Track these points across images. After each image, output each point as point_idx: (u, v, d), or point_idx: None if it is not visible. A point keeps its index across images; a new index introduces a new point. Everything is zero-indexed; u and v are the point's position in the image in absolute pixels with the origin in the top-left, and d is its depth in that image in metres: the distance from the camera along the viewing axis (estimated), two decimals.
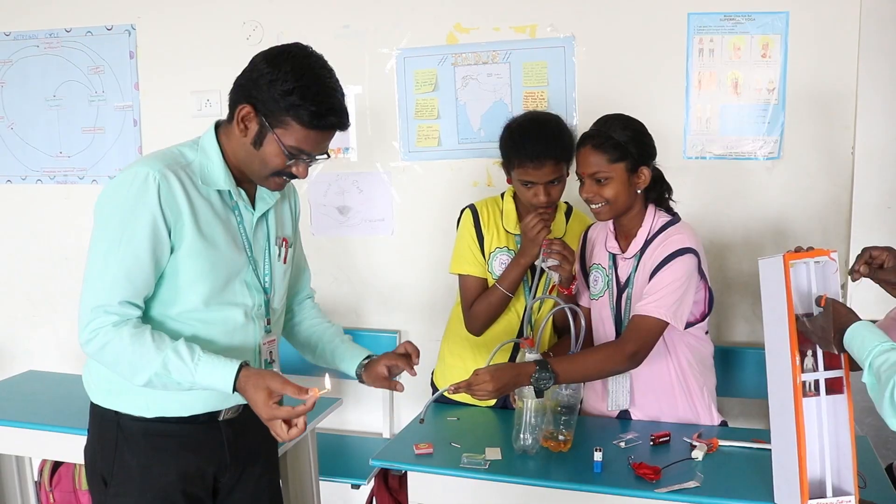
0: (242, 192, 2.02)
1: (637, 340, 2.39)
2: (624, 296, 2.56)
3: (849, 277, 2.07)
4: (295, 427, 1.83)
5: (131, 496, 2.02)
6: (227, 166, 1.97)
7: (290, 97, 1.82)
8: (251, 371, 1.86)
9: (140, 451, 2.00)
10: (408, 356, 2.21)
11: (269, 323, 2.14)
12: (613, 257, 2.60)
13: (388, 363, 2.18)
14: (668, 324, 2.39)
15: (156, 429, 2.01)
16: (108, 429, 2.03)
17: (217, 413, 2.07)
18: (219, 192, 1.98)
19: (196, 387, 1.87)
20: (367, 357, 2.24)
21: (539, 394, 2.31)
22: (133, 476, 2.01)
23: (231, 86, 1.94)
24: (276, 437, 1.84)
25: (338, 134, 1.96)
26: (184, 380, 1.85)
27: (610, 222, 2.59)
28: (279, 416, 1.82)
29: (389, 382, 2.18)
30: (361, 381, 2.23)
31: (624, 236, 2.58)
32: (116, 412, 2.02)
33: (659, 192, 2.56)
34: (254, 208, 2.06)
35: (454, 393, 2.31)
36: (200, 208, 1.93)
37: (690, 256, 2.42)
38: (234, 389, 1.85)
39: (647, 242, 2.51)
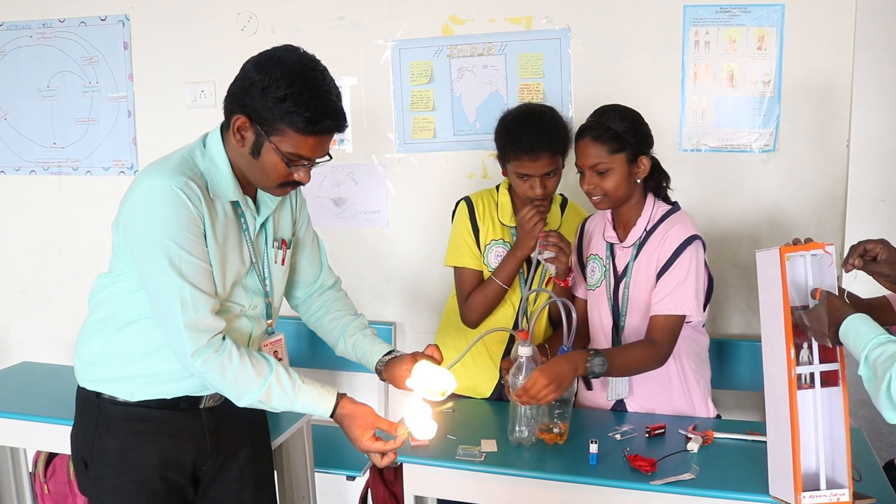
0: (249, 200, 2.02)
1: (669, 342, 2.46)
2: (622, 285, 2.57)
3: (842, 269, 2.08)
4: (387, 457, 1.99)
5: (110, 479, 2.04)
6: (234, 174, 1.96)
7: (284, 104, 1.80)
8: (347, 407, 1.99)
9: (119, 434, 2.02)
10: (433, 360, 2.17)
11: (270, 325, 2.15)
12: (611, 247, 2.61)
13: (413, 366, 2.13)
14: (685, 316, 2.45)
15: (135, 413, 2.03)
16: (89, 411, 2.05)
17: (198, 399, 2.08)
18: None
19: (291, 410, 1.98)
20: (389, 353, 2.22)
21: (588, 384, 2.42)
22: (111, 459, 2.03)
23: (226, 79, 1.92)
24: (373, 461, 2.02)
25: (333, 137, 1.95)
26: (282, 407, 1.96)
27: (608, 212, 2.60)
28: (373, 450, 1.97)
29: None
30: (382, 379, 2.22)
31: (622, 226, 2.59)
32: (98, 394, 2.04)
33: (657, 181, 2.57)
34: (257, 213, 2.06)
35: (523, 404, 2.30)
36: (216, 219, 1.94)
37: (696, 244, 2.46)
38: (332, 416, 1.99)
39: (648, 233, 2.53)
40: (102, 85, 3.94)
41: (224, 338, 1.91)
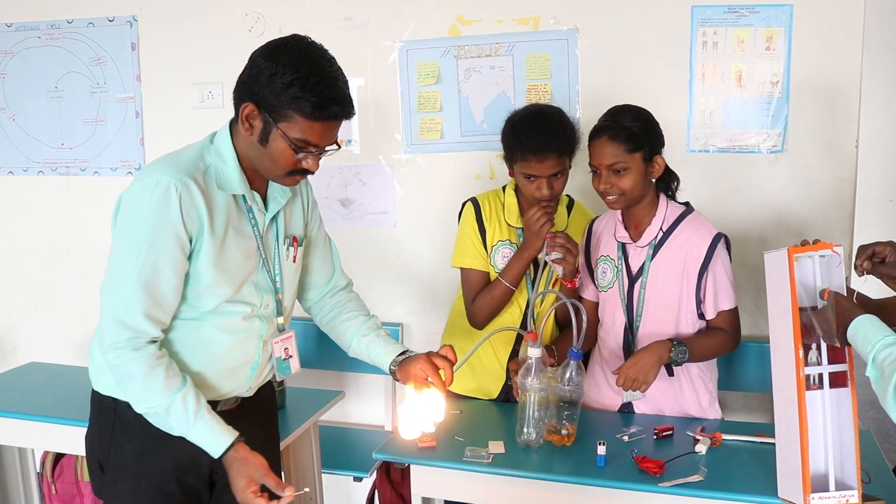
0: (256, 195, 2.02)
1: (738, 331, 2.61)
2: (637, 285, 2.57)
3: (852, 271, 2.07)
4: None
5: (126, 482, 2.02)
6: (242, 168, 1.96)
7: (291, 89, 1.80)
8: (240, 453, 1.90)
9: (135, 438, 2.00)
10: (447, 360, 2.13)
11: (280, 322, 2.14)
12: (623, 247, 2.61)
13: (428, 366, 2.09)
14: None
15: None
16: (105, 415, 2.04)
17: (215, 404, 2.07)
18: (233, 195, 1.97)
19: (185, 436, 1.91)
20: (403, 353, 2.19)
21: (670, 371, 2.56)
22: (128, 463, 2.01)
23: (233, 80, 1.92)
24: None
25: (341, 126, 1.94)
26: (178, 428, 1.90)
27: (618, 212, 2.60)
28: None
29: (427, 384, 2.10)
30: (396, 379, 2.19)
31: (634, 226, 2.59)
32: (114, 399, 2.03)
33: (666, 182, 2.58)
34: (266, 209, 2.06)
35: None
36: (217, 215, 1.93)
37: (722, 241, 2.53)
38: (222, 456, 1.90)
39: (666, 233, 2.55)
40: (110, 86, 3.94)
41: (153, 343, 1.89)
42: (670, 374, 2.55)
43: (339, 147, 1.96)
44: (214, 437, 1.89)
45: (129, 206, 1.88)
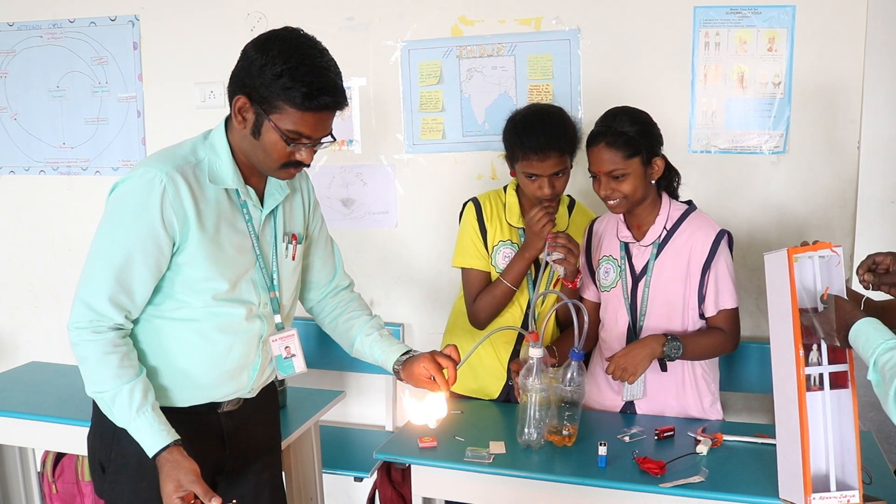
0: (251, 191, 2.01)
1: (738, 330, 2.60)
2: (641, 284, 2.57)
3: (854, 273, 2.07)
4: None
5: (127, 483, 2.02)
6: (236, 163, 1.96)
7: (281, 80, 1.79)
8: (175, 456, 1.87)
9: None
10: (450, 359, 2.11)
11: (279, 320, 2.13)
12: (626, 246, 2.60)
13: (432, 365, 2.08)
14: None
15: None
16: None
17: (217, 405, 2.08)
18: (227, 190, 1.97)
19: (127, 429, 1.89)
20: (406, 353, 2.18)
21: (663, 367, 2.56)
22: (129, 464, 2.01)
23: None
24: None
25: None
26: (120, 419, 1.90)
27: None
28: None
29: (431, 384, 2.09)
30: (399, 379, 2.18)
31: (636, 226, 2.59)
32: None
33: (668, 180, 2.58)
34: (262, 205, 2.05)
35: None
36: (208, 209, 1.92)
37: (725, 239, 2.53)
38: (155, 458, 1.87)
39: (670, 231, 2.55)
40: (112, 85, 3.95)
41: (116, 330, 1.91)
42: (663, 368, 2.55)
43: (335, 140, 1.95)
44: (152, 436, 1.87)
45: (115, 194, 1.91)
